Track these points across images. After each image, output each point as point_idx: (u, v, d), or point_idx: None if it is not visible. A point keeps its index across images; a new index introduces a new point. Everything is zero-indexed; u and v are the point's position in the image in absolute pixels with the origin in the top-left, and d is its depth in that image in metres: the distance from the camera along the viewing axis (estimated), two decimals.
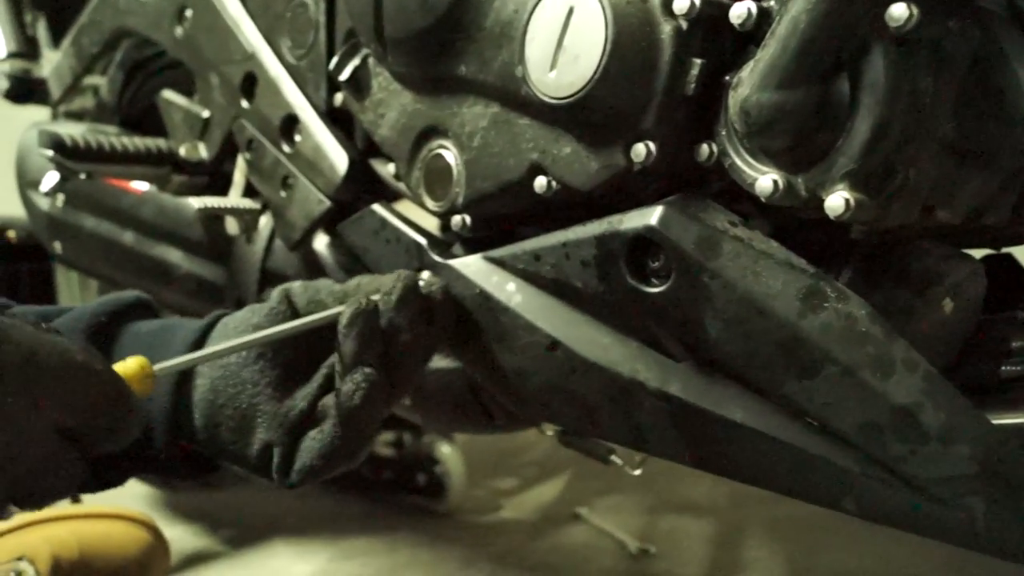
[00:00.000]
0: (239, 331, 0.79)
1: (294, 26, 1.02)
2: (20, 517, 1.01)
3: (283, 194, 1.02)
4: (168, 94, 1.23)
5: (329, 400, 0.75)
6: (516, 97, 0.74)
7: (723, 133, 0.65)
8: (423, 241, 0.86)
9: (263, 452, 0.75)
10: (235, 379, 0.77)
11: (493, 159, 0.78)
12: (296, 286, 0.83)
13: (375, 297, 0.77)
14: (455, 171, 0.82)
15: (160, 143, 1.22)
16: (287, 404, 0.75)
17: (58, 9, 1.67)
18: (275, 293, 0.82)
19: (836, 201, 0.58)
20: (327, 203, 0.97)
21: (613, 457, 0.82)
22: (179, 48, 1.18)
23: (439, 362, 0.93)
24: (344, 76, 0.92)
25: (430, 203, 0.85)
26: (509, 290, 0.78)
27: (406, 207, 0.92)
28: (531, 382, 0.78)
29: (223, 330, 0.80)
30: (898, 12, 0.55)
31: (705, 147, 0.66)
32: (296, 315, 0.80)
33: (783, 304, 0.61)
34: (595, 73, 0.67)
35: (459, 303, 0.82)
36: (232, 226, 1.11)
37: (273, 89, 1.03)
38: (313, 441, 0.74)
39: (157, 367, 0.67)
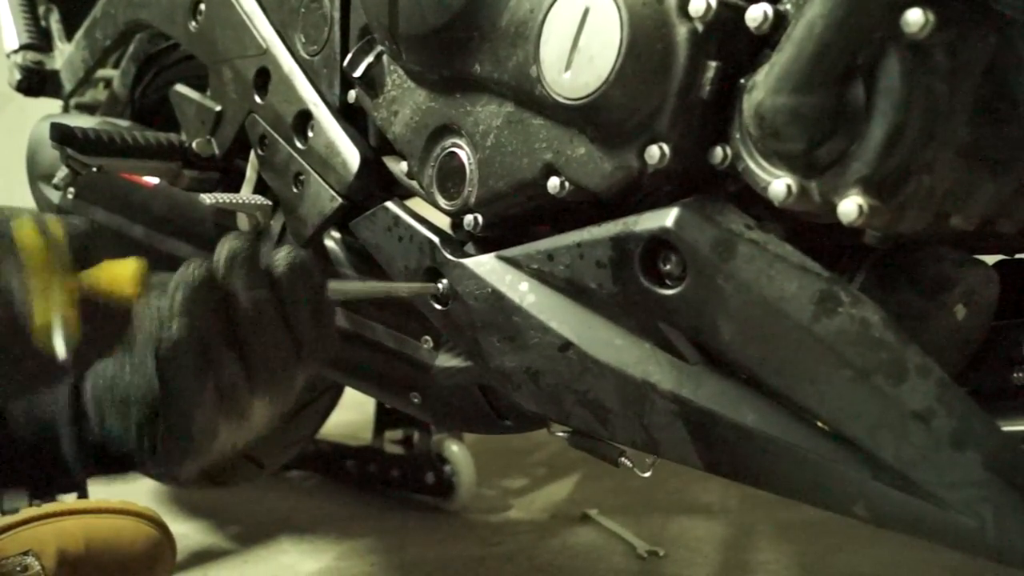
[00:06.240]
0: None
1: (308, 21, 1.02)
2: (28, 512, 1.01)
3: (295, 190, 1.02)
4: (181, 88, 1.23)
5: None
6: (530, 97, 0.74)
7: (737, 136, 0.65)
8: (436, 239, 0.86)
9: (139, 435, 0.75)
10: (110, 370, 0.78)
11: (506, 159, 0.78)
12: None
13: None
14: (468, 170, 0.82)
15: (172, 137, 1.22)
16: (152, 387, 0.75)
17: (71, 1, 1.67)
18: None
19: (849, 206, 0.58)
20: (339, 200, 0.97)
21: (623, 459, 0.82)
22: (192, 42, 1.18)
23: (449, 361, 0.93)
24: (358, 73, 0.92)
25: (442, 202, 0.85)
26: (522, 290, 0.78)
27: (418, 206, 0.92)
28: (542, 382, 0.78)
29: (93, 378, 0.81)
30: (914, 18, 0.54)
31: (719, 150, 0.66)
32: None
33: (797, 308, 0.61)
34: (610, 74, 0.67)
35: (465, 302, 0.82)
36: (243, 222, 1.11)
37: (286, 85, 1.03)
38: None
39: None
